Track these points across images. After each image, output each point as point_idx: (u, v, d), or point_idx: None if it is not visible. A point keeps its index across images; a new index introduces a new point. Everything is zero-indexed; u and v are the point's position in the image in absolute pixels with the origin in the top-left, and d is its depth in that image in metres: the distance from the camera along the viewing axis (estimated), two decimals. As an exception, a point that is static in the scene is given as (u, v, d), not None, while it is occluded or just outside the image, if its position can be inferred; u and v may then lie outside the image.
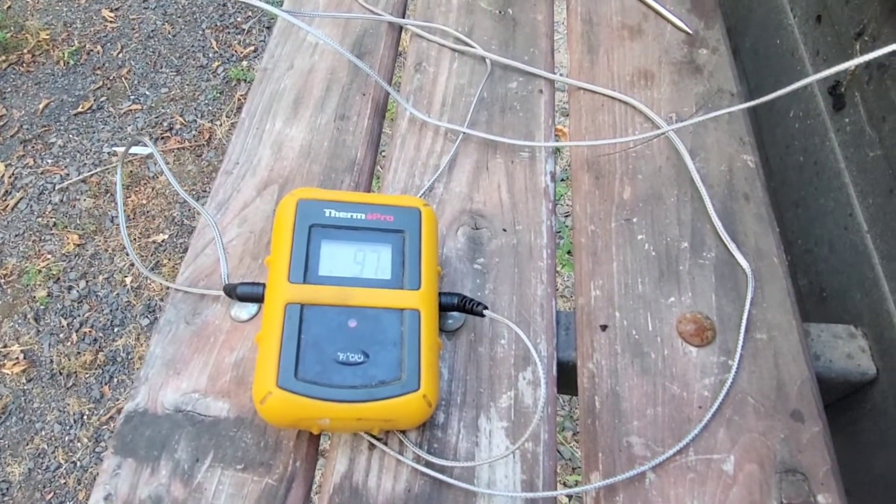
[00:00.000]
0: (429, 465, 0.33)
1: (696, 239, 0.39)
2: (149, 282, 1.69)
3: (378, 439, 0.34)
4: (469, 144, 0.47)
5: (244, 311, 0.40)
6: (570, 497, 1.17)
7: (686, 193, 0.41)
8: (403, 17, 0.58)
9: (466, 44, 0.53)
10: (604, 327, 0.37)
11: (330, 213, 0.35)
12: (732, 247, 0.38)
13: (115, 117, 2.04)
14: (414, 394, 0.31)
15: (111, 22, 2.36)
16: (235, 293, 0.35)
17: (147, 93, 2.10)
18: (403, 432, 0.34)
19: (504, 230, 0.42)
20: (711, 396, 0.33)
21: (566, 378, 0.37)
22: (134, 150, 1.92)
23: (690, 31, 0.50)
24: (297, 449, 0.34)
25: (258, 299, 0.34)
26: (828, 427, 0.32)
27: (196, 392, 0.37)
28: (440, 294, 0.35)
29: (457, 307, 0.35)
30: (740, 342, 0.35)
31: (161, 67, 2.17)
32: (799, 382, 0.33)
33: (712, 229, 0.40)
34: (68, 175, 1.90)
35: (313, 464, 0.35)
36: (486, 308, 0.35)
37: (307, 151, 0.48)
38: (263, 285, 0.34)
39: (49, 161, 1.94)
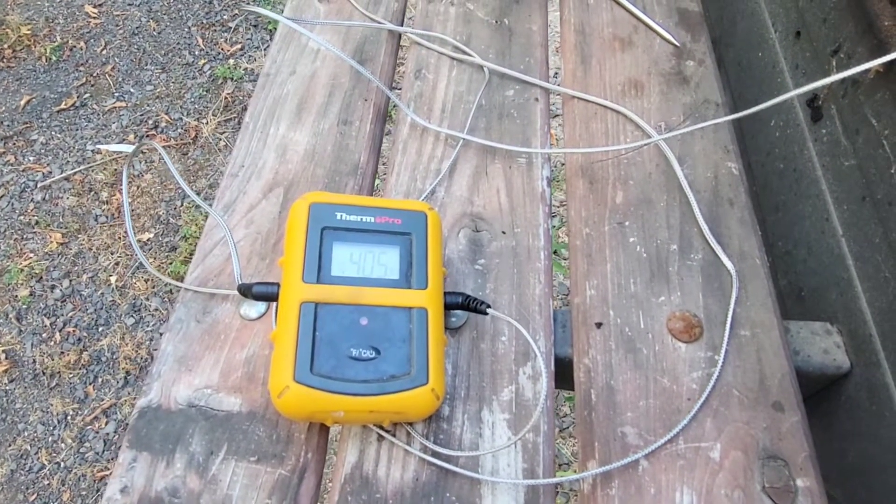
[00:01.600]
0: (435, 454, 0.35)
1: (684, 241, 0.42)
2: (134, 281, 1.68)
3: (387, 431, 0.36)
4: (469, 150, 0.49)
5: (253, 309, 0.41)
6: (557, 492, 1.20)
7: (675, 198, 0.44)
8: (402, 25, 0.60)
9: (464, 52, 0.55)
10: (599, 325, 0.39)
11: (341, 216, 0.37)
12: (718, 249, 0.41)
13: (98, 115, 2.02)
14: (423, 387, 0.33)
15: (94, 18, 2.33)
16: (251, 293, 0.36)
17: (132, 90, 2.08)
18: (411, 424, 0.36)
19: (503, 232, 0.44)
20: (699, 389, 0.36)
21: (563, 373, 0.39)
22: (117, 147, 1.91)
23: (678, 44, 0.53)
24: (308, 441, 0.36)
25: (273, 298, 0.36)
26: (806, 417, 0.35)
27: (208, 388, 0.38)
28: (445, 293, 0.37)
29: (461, 306, 0.37)
30: (725, 338, 0.37)
31: (146, 65, 2.15)
32: (780, 376, 0.36)
33: (699, 232, 0.42)
34: (51, 173, 1.88)
35: (324, 455, 0.36)
36: (489, 307, 0.37)
37: (311, 155, 0.50)
38: (278, 285, 0.36)
39: (31, 158, 1.92)
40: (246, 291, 0.37)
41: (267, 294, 0.36)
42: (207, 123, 1.96)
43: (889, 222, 0.36)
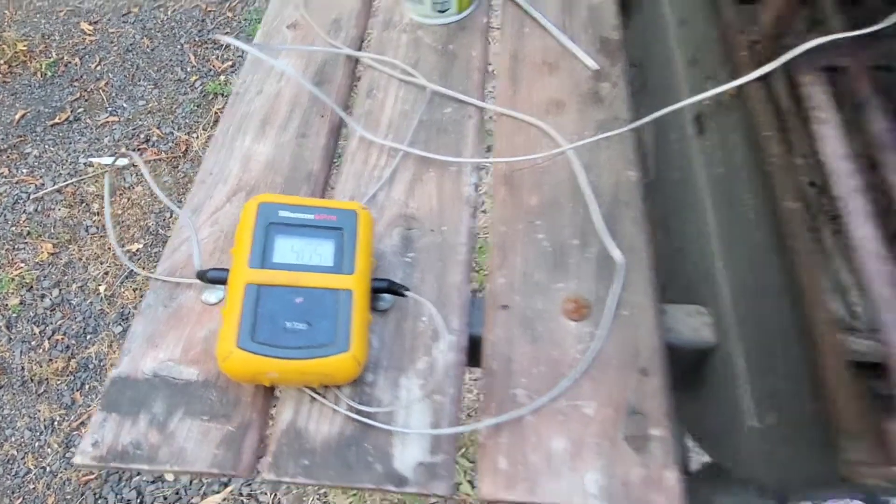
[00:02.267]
0: (358, 412, 0.42)
1: (584, 238, 0.50)
2: (123, 290, 1.75)
3: (318, 394, 0.44)
4: (408, 160, 0.57)
5: (213, 295, 0.49)
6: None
7: (580, 202, 0.52)
8: (360, 50, 0.69)
9: (411, 74, 0.64)
10: (505, 307, 0.47)
11: (284, 213, 0.45)
12: (611, 244, 0.49)
13: (91, 129, 2.11)
14: (345, 353, 0.41)
15: (90, 35, 2.43)
16: (206, 277, 0.44)
17: (125, 105, 2.18)
18: (339, 388, 0.44)
19: (432, 230, 0.52)
20: (582, 359, 0.44)
21: (476, 350, 0.47)
22: (109, 160, 1.99)
23: (598, 68, 0.61)
24: (253, 403, 0.44)
25: (223, 281, 0.44)
26: (668, 381, 0.42)
27: (171, 361, 0.46)
28: (373, 279, 0.45)
29: (386, 290, 0.45)
30: (609, 317, 0.45)
31: (139, 80, 2.25)
32: (650, 348, 0.44)
33: (603, 233, 0.50)
34: (43, 185, 1.96)
35: (265, 415, 0.44)
36: (407, 290, 0.45)
37: (271, 164, 0.58)
38: (228, 270, 0.44)
39: (24, 171, 2.01)
40: (202, 276, 0.45)
41: (219, 278, 0.44)
42: (198, 137, 2.05)
43: (741, 222, 0.44)
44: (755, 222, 0.41)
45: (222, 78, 2.22)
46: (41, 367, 1.63)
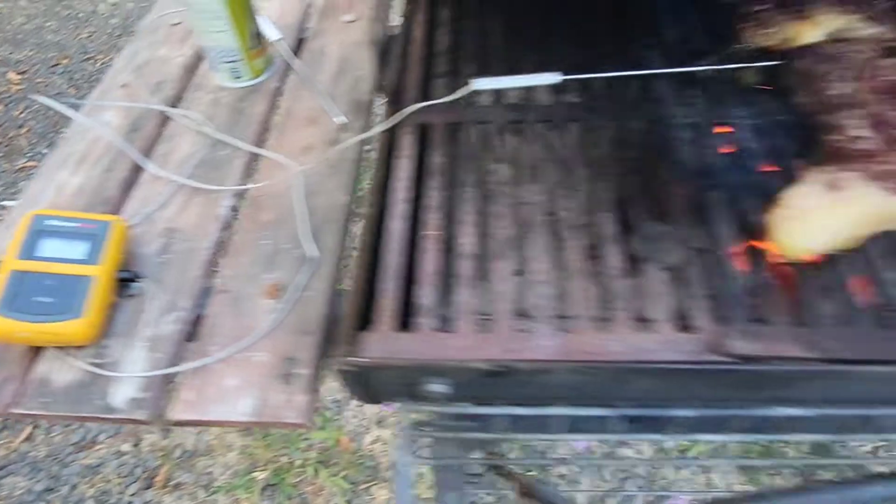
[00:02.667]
0: (94, 364, 0.58)
1: (295, 243, 0.69)
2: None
3: (69, 354, 0.60)
4: (185, 189, 0.75)
5: (8, 287, 0.65)
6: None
7: (298, 218, 0.71)
8: (174, 107, 0.87)
9: (204, 125, 0.83)
10: (224, 292, 0.65)
11: (52, 222, 0.62)
12: (313, 247, 0.67)
13: (9, 173, 2.24)
14: (80, 319, 0.57)
15: (16, 84, 2.58)
16: (-14, 268, 0.61)
17: (44, 151, 2.31)
18: (81, 348, 0.60)
19: (186, 240, 0.70)
20: (269, 326, 0.61)
21: (205, 325, 0.64)
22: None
23: (345, 122, 0.82)
24: (18, 362, 0.60)
25: (-3, 270, 0.60)
26: (322, 339, 0.60)
27: (-38, 333, 0.62)
28: (120, 271, 0.63)
29: (128, 279, 0.63)
30: (294, 297, 0.63)
31: (62, 128, 2.39)
32: (318, 317, 0.62)
33: (305, 238, 0.69)
34: (-46, 225, 2.05)
35: (26, 370, 0.60)
36: (143, 278, 0.62)
37: (79, 192, 0.76)
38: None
39: (-63, 212, 2.10)
40: (-16, 267, 0.61)
41: (-7, 267, 0.60)
42: (110, 181, 2.18)
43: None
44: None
45: (137, 127, 2.37)
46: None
